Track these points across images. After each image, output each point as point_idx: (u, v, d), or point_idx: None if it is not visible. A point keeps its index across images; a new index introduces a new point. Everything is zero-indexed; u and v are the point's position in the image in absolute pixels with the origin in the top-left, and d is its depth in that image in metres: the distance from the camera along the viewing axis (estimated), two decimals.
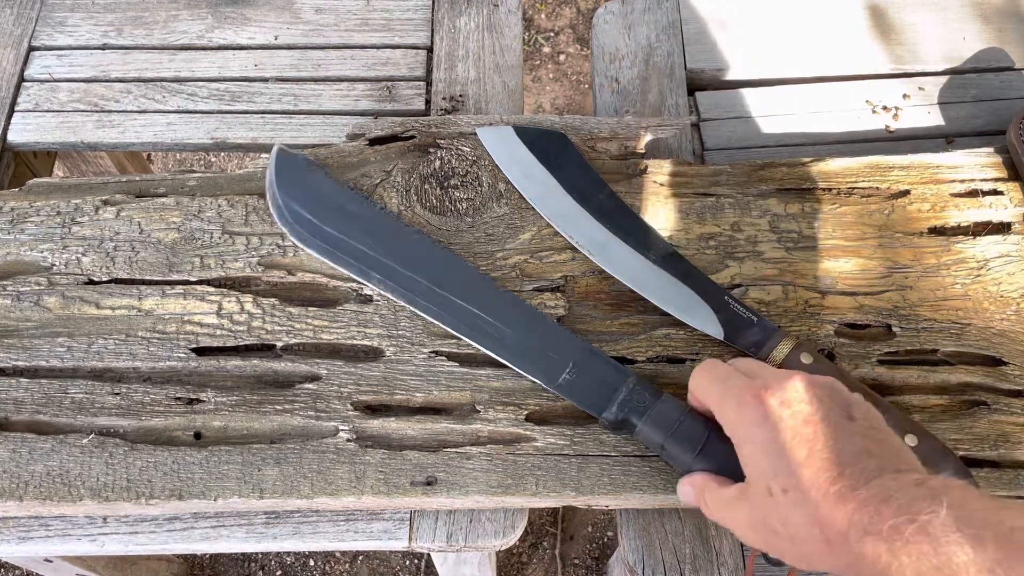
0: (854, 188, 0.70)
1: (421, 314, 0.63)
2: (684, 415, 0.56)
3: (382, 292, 0.64)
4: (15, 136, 0.77)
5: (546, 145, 0.70)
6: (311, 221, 0.65)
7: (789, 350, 0.60)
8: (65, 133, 0.77)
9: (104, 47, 0.81)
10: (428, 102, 0.79)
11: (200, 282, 0.65)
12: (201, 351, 0.63)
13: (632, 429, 0.58)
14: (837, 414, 0.48)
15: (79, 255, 0.66)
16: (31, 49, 0.81)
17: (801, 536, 0.45)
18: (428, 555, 1.38)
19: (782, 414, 0.48)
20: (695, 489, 0.55)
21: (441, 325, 0.62)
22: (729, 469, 0.53)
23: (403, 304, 0.63)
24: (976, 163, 0.71)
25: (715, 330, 0.62)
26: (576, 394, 0.60)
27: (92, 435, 0.59)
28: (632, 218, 0.67)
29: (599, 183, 0.68)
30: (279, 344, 0.63)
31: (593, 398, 0.59)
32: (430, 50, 0.82)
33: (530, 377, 0.61)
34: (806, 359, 0.59)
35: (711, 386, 0.54)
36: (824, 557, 0.45)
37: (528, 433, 0.60)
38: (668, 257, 0.65)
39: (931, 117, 0.78)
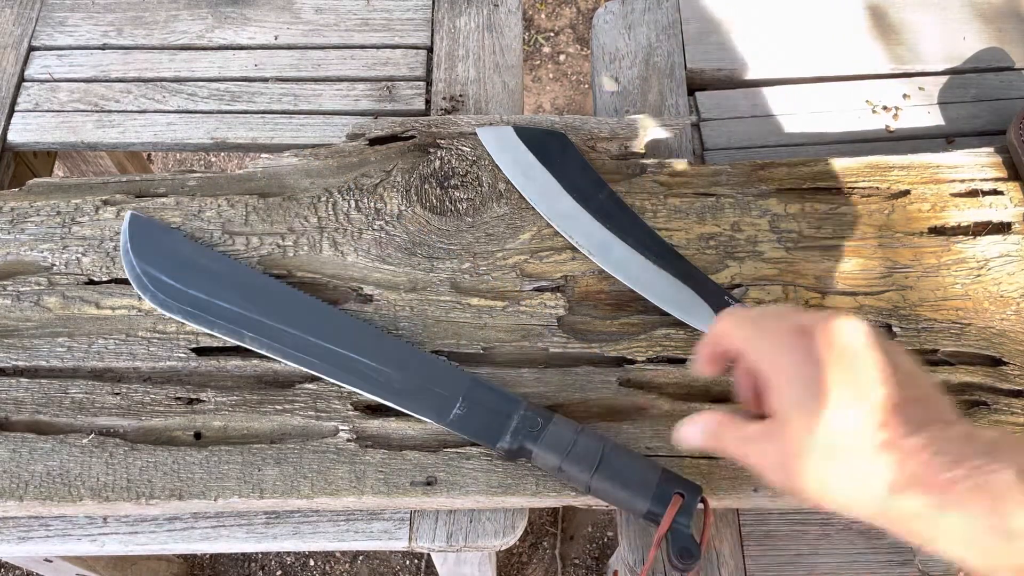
0: (854, 188, 0.70)
1: (302, 368, 0.61)
2: (577, 434, 0.56)
3: (257, 349, 0.61)
4: (15, 136, 0.77)
5: (546, 145, 0.70)
6: (173, 286, 0.63)
7: None
8: (65, 133, 0.77)
9: (104, 47, 0.81)
10: (428, 102, 0.79)
11: None
12: (201, 351, 0.63)
13: (528, 455, 0.57)
14: (884, 361, 0.45)
15: (79, 255, 0.66)
16: (31, 49, 0.81)
17: (835, 481, 0.43)
18: (428, 555, 1.38)
19: (828, 353, 0.45)
20: (706, 427, 0.51)
21: (327, 377, 0.61)
22: (628, 480, 0.54)
23: (280, 359, 0.61)
24: (976, 163, 0.71)
25: None
26: (469, 428, 0.59)
27: (92, 435, 0.59)
28: (632, 218, 0.67)
29: (599, 183, 0.68)
30: None
31: (486, 430, 0.58)
32: (430, 50, 0.82)
33: (421, 417, 0.59)
34: None
35: (743, 326, 0.49)
36: (858, 504, 0.43)
37: None
38: (668, 257, 0.65)
39: (931, 117, 0.78)
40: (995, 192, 0.70)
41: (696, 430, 0.51)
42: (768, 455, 0.47)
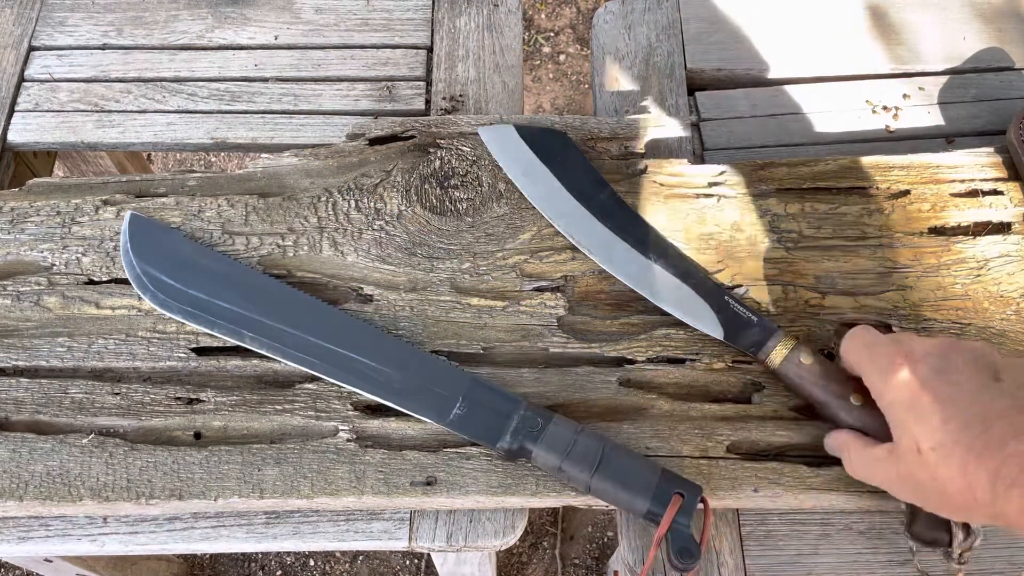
0: (854, 188, 0.70)
1: (301, 367, 0.61)
2: (577, 434, 0.56)
3: (257, 349, 0.61)
4: (15, 136, 0.77)
5: (547, 144, 0.70)
6: (173, 286, 0.63)
7: (789, 350, 0.60)
8: (65, 133, 0.77)
9: (104, 47, 0.81)
10: (428, 102, 0.79)
11: None
12: (201, 351, 0.63)
13: (528, 455, 0.57)
14: (984, 375, 0.49)
15: (79, 255, 0.66)
16: (31, 49, 0.81)
17: (949, 490, 0.47)
18: (428, 555, 1.38)
19: (928, 376, 0.50)
20: (836, 445, 0.57)
21: (327, 377, 0.61)
22: (628, 480, 0.54)
23: (280, 359, 0.61)
24: (976, 163, 0.71)
25: (715, 330, 0.62)
26: (469, 428, 0.59)
27: (92, 435, 0.59)
28: (632, 217, 0.67)
29: (600, 182, 0.68)
30: None
31: (486, 430, 0.58)
32: (430, 50, 0.82)
33: (421, 417, 0.60)
34: (805, 359, 0.59)
35: (861, 350, 0.55)
36: (973, 508, 0.47)
37: None
38: (669, 256, 0.65)
39: (931, 117, 0.78)
40: (995, 192, 0.70)
41: (832, 444, 0.58)
42: (890, 475, 0.52)
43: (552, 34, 1.93)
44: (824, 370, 0.59)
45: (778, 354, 0.60)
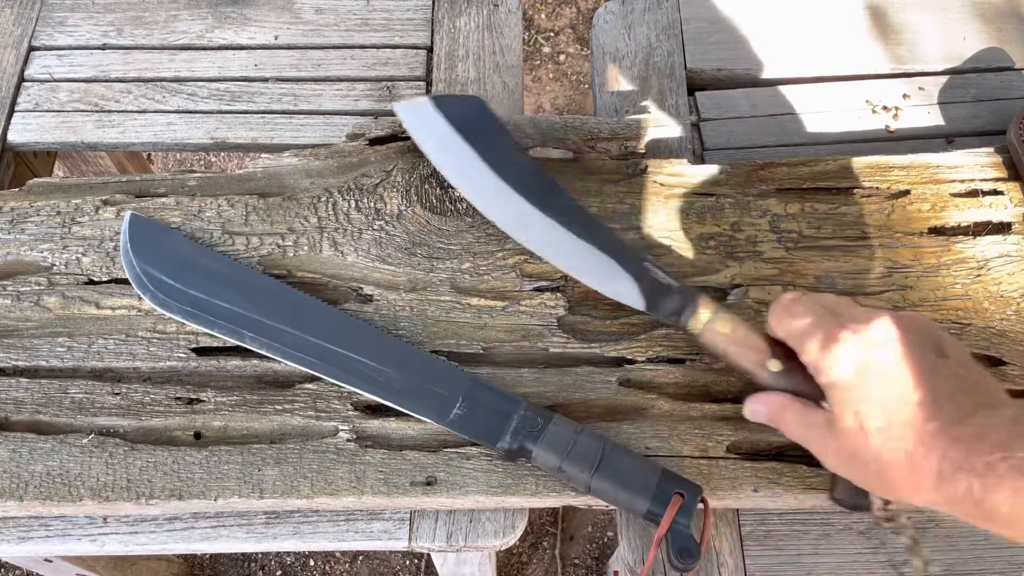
0: (854, 188, 0.70)
1: (301, 367, 0.61)
2: (577, 434, 0.56)
3: (257, 349, 0.61)
4: (15, 136, 0.77)
5: (465, 114, 0.67)
6: (173, 286, 0.63)
7: (708, 318, 0.58)
8: (65, 133, 0.77)
9: (104, 47, 0.81)
10: None
11: None
12: (201, 351, 0.63)
13: (528, 455, 0.57)
14: (930, 352, 0.47)
15: (79, 255, 0.66)
16: (31, 49, 0.81)
17: (893, 472, 0.46)
18: (428, 555, 1.38)
19: (872, 354, 0.48)
20: (771, 408, 0.54)
21: (327, 377, 0.61)
22: (628, 480, 0.54)
23: (280, 359, 0.61)
24: (976, 163, 0.71)
25: (636, 301, 0.61)
26: (469, 428, 0.59)
27: (92, 435, 0.59)
28: (548, 185, 0.66)
29: (520, 152, 0.67)
30: None
31: (486, 430, 0.58)
32: (430, 50, 0.82)
33: (421, 417, 0.59)
34: (722, 327, 0.57)
35: (794, 320, 0.52)
36: (915, 492, 0.46)
37: None
38: (586, 225, 0.64)
39: (931, 117, 0.78)
40: (995, 192, 0.70)
41: (763, 408, 0.55)
42: (828, 446, 0.50)
43: (552, 34, 1.93)
44: (743, 338, 0.57)
45: (698, 321, 0.58)
